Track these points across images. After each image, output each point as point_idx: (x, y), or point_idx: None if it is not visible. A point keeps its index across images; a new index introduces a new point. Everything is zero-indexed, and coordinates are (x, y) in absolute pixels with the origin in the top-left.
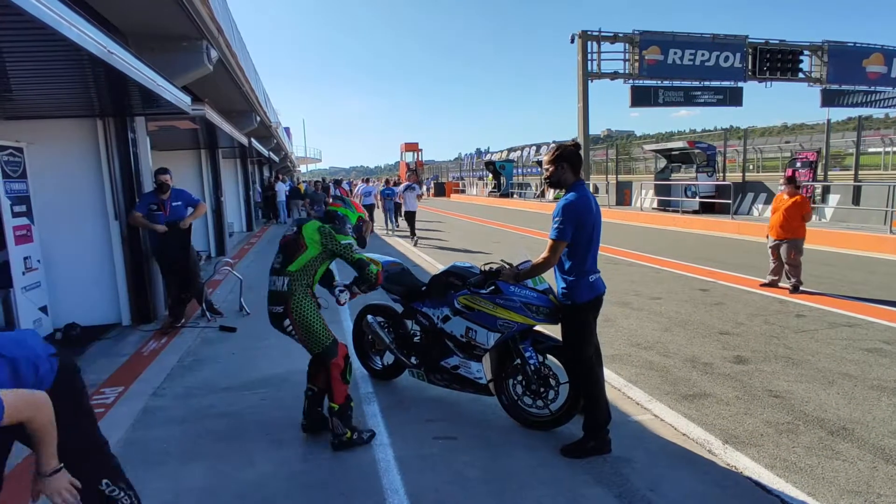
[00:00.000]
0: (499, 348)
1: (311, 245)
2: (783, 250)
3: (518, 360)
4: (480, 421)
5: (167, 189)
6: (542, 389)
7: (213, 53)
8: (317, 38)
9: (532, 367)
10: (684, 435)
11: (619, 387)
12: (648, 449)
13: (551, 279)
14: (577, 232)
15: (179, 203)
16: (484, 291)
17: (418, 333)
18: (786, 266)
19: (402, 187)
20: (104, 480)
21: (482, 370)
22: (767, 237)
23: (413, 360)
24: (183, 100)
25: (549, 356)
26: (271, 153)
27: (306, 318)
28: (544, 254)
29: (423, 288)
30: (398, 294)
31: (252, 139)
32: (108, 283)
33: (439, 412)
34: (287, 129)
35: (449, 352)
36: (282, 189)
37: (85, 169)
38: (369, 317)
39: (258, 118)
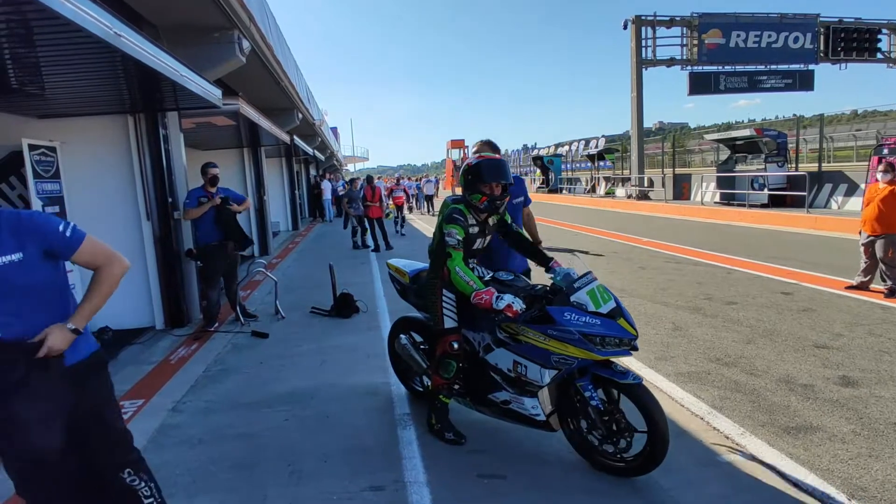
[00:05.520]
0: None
1: None
2: (878, 247)
3: (578, 398)
4: (535, 455)
5: (217, 182)
6: (611, 435)
7: (246, 44)
8: (363, 43)
9: (594, 409)
10: (795, 485)
11: (701, 414)
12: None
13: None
14: None
15: (227, 197)
16: (522, 318)
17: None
18: (881, 266)
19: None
20: (126, 470)
21: (538, 406)
22: (860, 233)
23: (456, 386)
24: (212, 92)
25: (619, 394)
26: (316, 151)
27: None
28: None
29: None
30: (424, 310)
31: (295, 137)
32: (141, 286)
33: (487, 442)
34: (334, 129)
35: (496, 385)
36: (328, 187)
37: (117, 167)
38: (402, 337)
39: (300, 115)
